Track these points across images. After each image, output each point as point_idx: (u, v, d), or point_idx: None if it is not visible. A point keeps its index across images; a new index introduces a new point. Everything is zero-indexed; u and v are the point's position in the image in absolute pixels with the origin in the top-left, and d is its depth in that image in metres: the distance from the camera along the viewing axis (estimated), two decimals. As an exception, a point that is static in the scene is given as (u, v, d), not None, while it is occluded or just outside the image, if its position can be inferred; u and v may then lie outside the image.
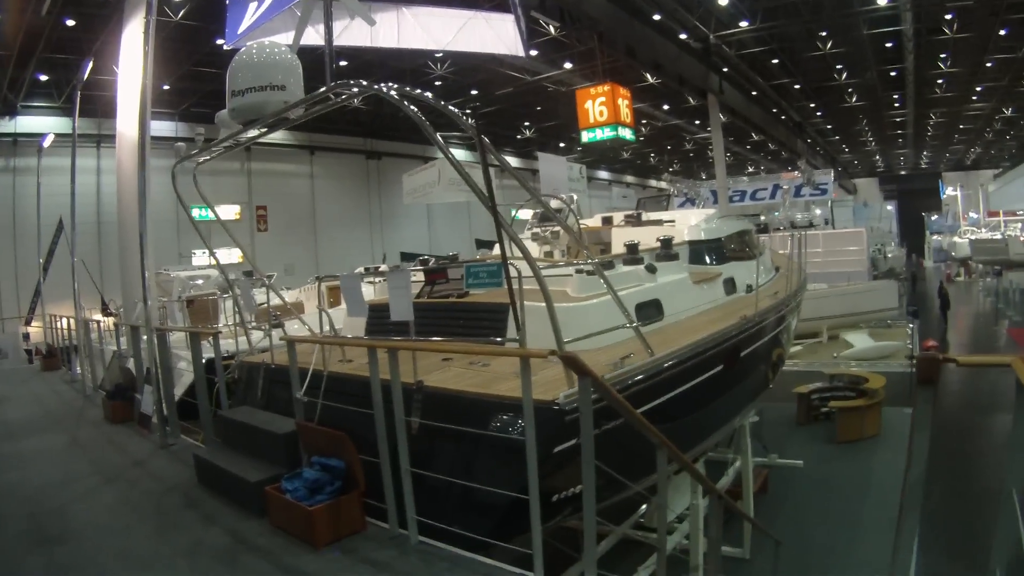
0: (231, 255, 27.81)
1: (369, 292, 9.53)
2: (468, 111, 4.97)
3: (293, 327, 9.17)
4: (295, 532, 5.28)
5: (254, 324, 9.58)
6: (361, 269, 15.57)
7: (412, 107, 4.88)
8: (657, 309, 8.12)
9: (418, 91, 5.04)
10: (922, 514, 3.62)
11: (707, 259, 10.86)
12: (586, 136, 24.73)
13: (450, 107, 4.93)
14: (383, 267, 16.44)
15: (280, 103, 5.89)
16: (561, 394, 4.99)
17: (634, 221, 12.17)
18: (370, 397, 5.34)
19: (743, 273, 11.06)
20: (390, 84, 4.92)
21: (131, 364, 10.71)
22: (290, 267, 33.07)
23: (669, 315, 8.26)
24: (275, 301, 9.70)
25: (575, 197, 11.36)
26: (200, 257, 30.40)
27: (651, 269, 8.69)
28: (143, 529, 5.89)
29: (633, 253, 8.93)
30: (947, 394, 20.51)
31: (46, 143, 21.06)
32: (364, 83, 5.10)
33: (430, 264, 10.37)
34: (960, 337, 29.21)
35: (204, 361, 8.62)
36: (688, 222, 11.47)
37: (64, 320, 16.48)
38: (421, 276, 8.64)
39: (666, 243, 9.81)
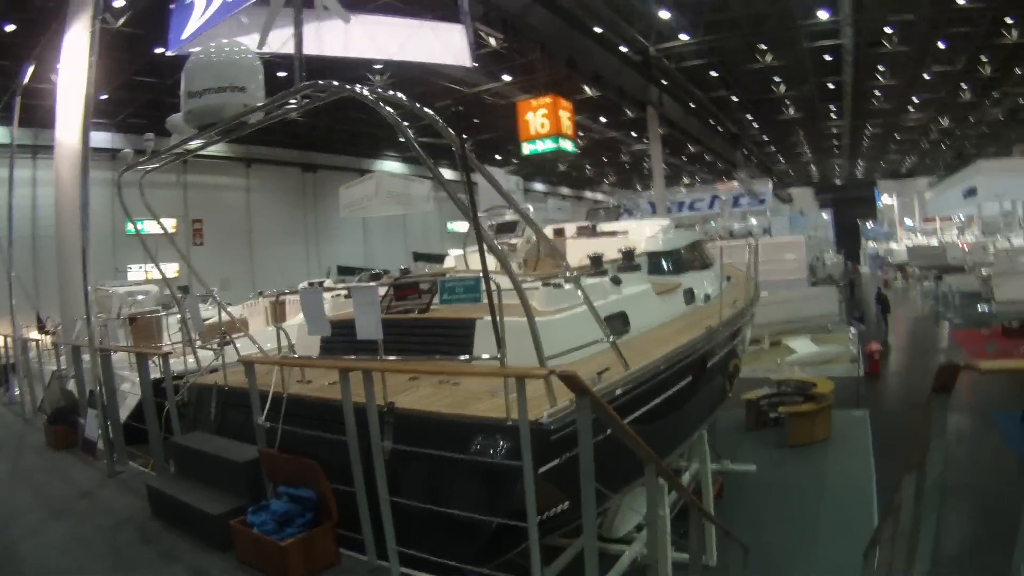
0: (167, 270, 27.01)
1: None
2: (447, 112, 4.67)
3: (238, 345, 8.75)
4: (266, 569, 4.90)
5: (200, 343, 9.17)
6: (305, 284, 15.18)
7: (388, 109, 4.63)
8: (624, 321, 7.96)
9: (391, 93, 4.80)
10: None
11: (666, 270, 10.79)
12: (527, 148, 24.62)
13: (427, 111, 4.73)
14: (328, 282, 16.02)
15: (239, 106, 5.53)
16: (545, 412, 4.78)
17: (588, 232, 12.04)
18: (335, 421, 5.03)
19: (699, 283, 11.05)
20: (362, 86, 4.68)
21: (72, 386, 10.20)
22: (226, 282, 32.23)
23: (635, 327, 8.12)
24: (222, 318, 9.32)
25: (531, 209, 11.23)
26: (136, 272, 29.57)
27: (616, 281, 8.54)
28: (98, 569, 5.40)
29: (597, 265, 8.79)
30: (886, 395, 20.86)
31: (-19, 152, 20.16)
32: (336, 84, 4.83)
33: (382, 279, 10.09)
34: (901, 340, 29.76)
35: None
36: (643, 233, 11.39)
37: (-1, 338, 15.75)
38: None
39: (628, 255, 9.71)
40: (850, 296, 37.71)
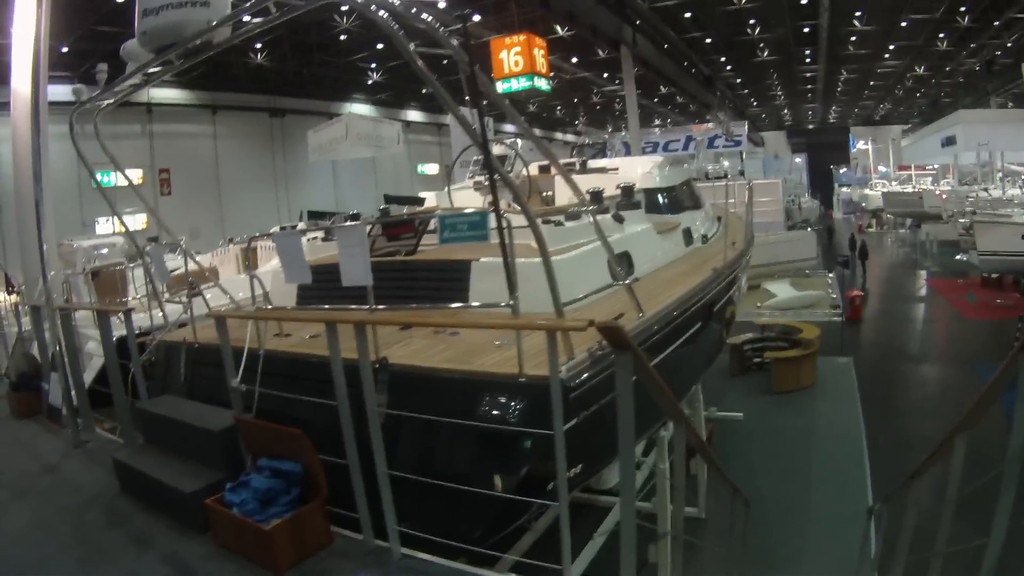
0: (136, 221, 26.40)
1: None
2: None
3: (207, 296, 8.00)
4: (249, 555, 4.36)
5: (167, 296, 8.55)
6: (276, 228, 14.55)
7: (381, 13, 4.03)
8: (629, 262, 7.42)
9: None
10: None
11: (663, 208, 10.28)
12: (501, 87, 24.04)
13: (426, 16, 4.20)
14: (301, 226, 15.47)
15: (202, 23, 4.85)
16: (563, 367, 4.24)
17: (577, 169, 11.45)
18: (320, 381, 4.49)
19: (695, 223, 10.63)
20: None
21: (35, 349, 9.60)
22: (195, 231, 31.39)
23: (639, 268, 7.62)
24: (190, 267, 8.69)
25: (519, 143, 10.60)
26: (104, 225, 28.81)
27: (619, 219, 7.97)
28: (64, 561, 4.77)
29: (598, 201, 8.23)
30: (869, 342, 20.77)
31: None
32: None
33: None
34: (879, 287, 29.73)
35: (115, 341, 7.37)
36: (634, 170, 10.85)
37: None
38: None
39: (627, 191, 9.14)
40: (828, 241, 37.66)
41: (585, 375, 4.44)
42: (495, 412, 4.47)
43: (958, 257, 30.76)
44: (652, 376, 3.75)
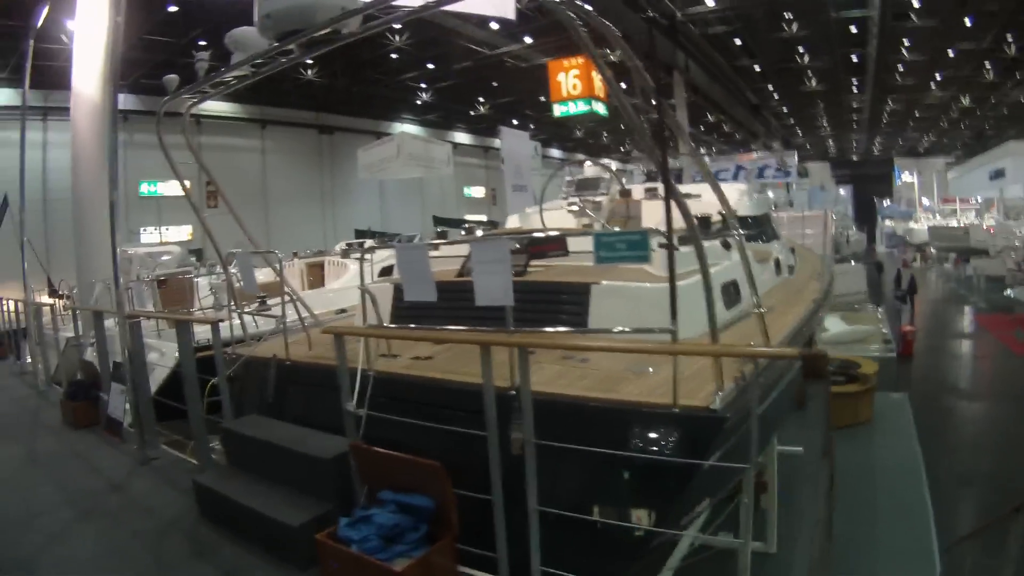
0: (180, 233, 26.36)
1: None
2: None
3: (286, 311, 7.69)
4: None
5: (235, 308, 8.15)
6: (343, 244, 14.42)
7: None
8: (736, 290, 7.00)
9: None
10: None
11: (756, 237, 9.89)
12: (559, 110, 23.77)
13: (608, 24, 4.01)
14: (369, 243, 15.35)
15: (336, 9, 4.44)
16: (716, 397, 3.98)
17: (660, 195, 11.07)
18: (445, 407, 4.30)
19: (781, 252, 10.23)
20: None
21: (89, 355, 9.26)
22: (242, 245, 31.54)
23: (744, 296, 7.08)
24: (265, 279, 8.36)
25: (613, 164, 10.28)
26: (149, 234, 28.90)
27: (726, 246, 7.51)
28: None
29: (707, 227, 7.82)
30: (921, 377, 20.31)
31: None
32: None
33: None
34: (926, 322, 29.19)
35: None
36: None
37: (10, 303, 14.90)
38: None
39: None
40: (878, 275, 37.06)
41: (736, 404, 4.17)
42: (647, 444, 4.11)
43: (1006, 293, 30.19)
44: (827, 405, 3.50)
